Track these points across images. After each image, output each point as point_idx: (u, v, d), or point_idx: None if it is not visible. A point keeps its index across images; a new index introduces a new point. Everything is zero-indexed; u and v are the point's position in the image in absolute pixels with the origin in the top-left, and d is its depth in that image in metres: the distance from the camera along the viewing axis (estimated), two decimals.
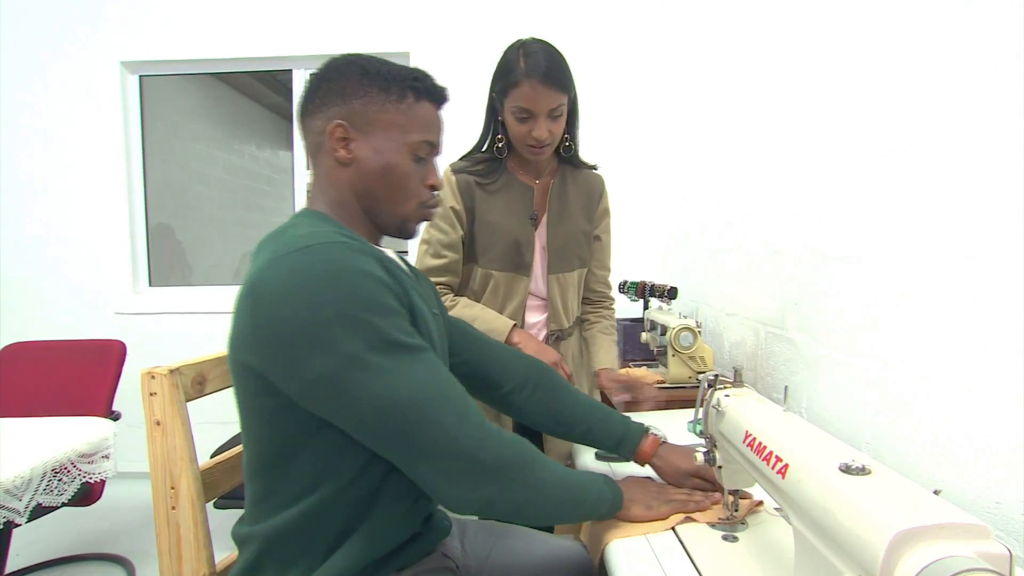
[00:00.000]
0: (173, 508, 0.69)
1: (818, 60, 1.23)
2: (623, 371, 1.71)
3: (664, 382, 1.57)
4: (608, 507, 0.74)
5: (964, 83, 0.81)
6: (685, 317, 1.59)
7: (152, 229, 2.72)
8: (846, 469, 0.49)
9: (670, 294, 1.88)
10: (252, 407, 0.63)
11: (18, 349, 1.84)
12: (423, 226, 0.96)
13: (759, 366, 1.51)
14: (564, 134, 1.14)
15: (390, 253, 0.76)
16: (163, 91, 3.45)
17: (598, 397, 1.35)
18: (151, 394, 0.69)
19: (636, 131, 2.44)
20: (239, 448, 0.82)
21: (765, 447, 0.60)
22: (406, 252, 2.31)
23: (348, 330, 0.57)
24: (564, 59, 1.07)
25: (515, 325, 1.12)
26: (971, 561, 0.37)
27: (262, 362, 0.60)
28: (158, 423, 0.69)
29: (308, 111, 0.71)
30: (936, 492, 0.47)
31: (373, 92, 0.69)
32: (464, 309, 1.13)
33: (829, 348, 1.18)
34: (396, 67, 0.72)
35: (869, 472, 0.49)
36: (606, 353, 1.26)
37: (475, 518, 0.81)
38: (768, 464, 0.58)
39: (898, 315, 0.96)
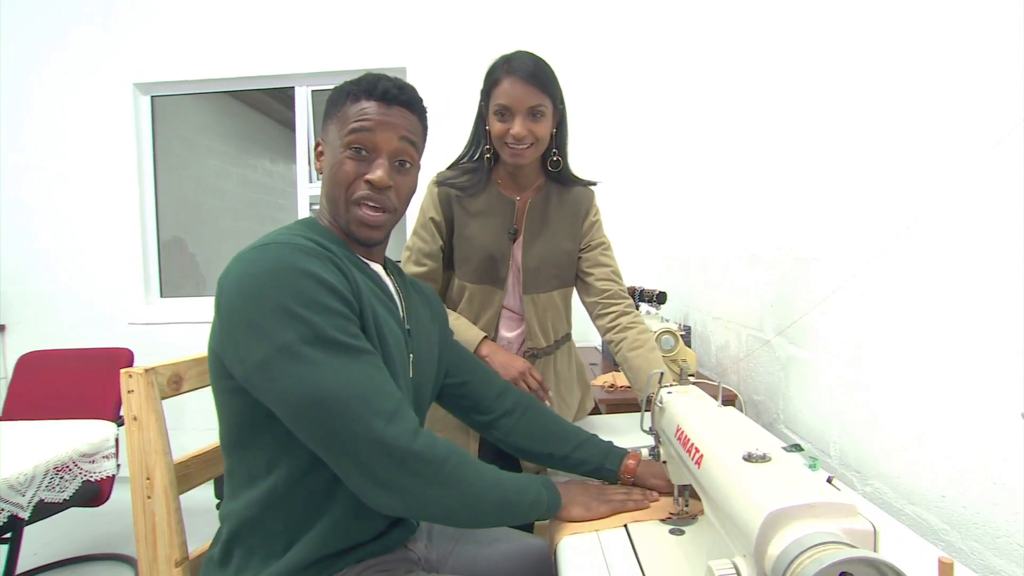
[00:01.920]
0: (149, 497, 0.74)
1: (792, 71, 1.26)
2: (609, 375, 1.73)
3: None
4: (545, 509, 0.76)
5: (940, 80, 0.82)
6: (666, 321, 1.61)
7: (167, 242, 2.83)
8: (748, 457, 0.52)
9: (659, 299, 1.90)
10: (217, 387, 0.69)
11: (34, 357, 1.94)
12: (396, 235, 0.90)
13: (741, 368, 1.53)
14: (553, 149, 1.13)
15: (375, 267, 0.79)
16: (179, 109, 3.60)
17: (590, 405, 1.35)
18: (129, 392, 0.74)
19: (628, 141, 2.47)
20: (215, 443, 0.87)
21: (688, 439, 0.63)
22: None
23: (283, 322, 0.61)
24: (550, 68, 1.07)
25: (485, 337, 1.13)
26: (829, 536, 0.40)
27: (218, 346, 0.66)
28: (135, 418, 0.74)
29: None
30: (829, 479, 0.50)
31: (331, 110, 0.77)
32: None
33: (800, 349, 1.20)
34: (354, 79, 0.76)
35: (769, 460, 0.52)
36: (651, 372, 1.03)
37: None
38: (690, 455, 0.61)
39: (859, 315, 0.98)
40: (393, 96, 0.74)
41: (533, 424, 0.94)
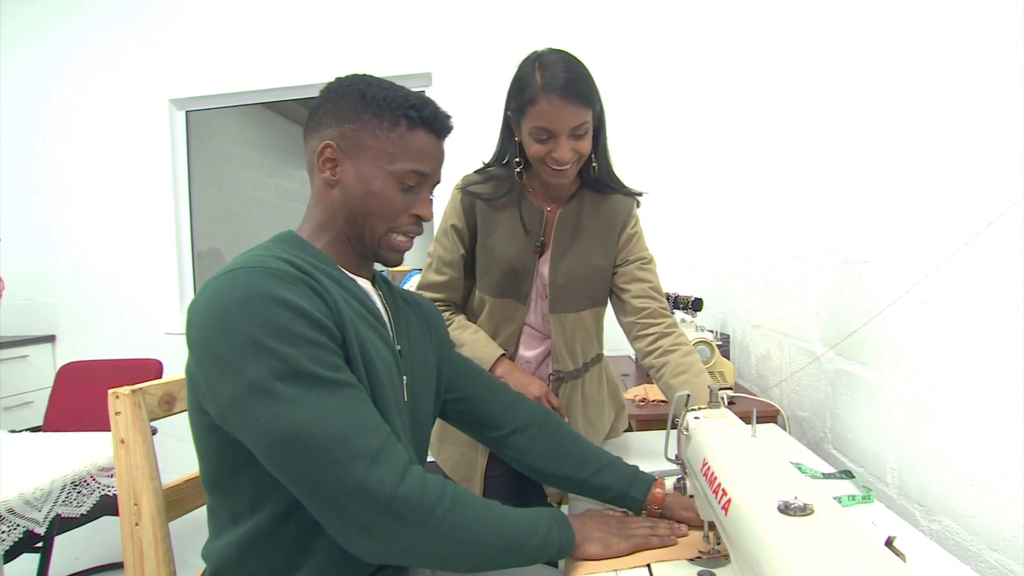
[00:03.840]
0: (136, 524, 0.71)
1: (833, 68, 1.15)
2: (640, 388, 1.63)
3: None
4: (556, 549, 0.67)
5: (991, 77, 0.72)
6: (700, 330, 1.50)
7: (205, 253, 2.89)
8: (784, 509, 0.43)
9: (694, 306, 1.78)
10: (194, 423, 0.64)
11: (72, 368, 2.00)
12: (415, 257, 0.90)
13: (784, 382, 1.40)
14: (591, 154, 1.01)
15: (362, 283, 0.73)
16: (219, 124, 3.71)
17: (623, 426, 1.26)
18: (116, 413, 0.71)
19: (658, 135, 2.36)
20: None
21: (716, 478, 0.54)
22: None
23: (253, 356, 0.55)
24: (587, 70, 0.94)
25: (502, 355, 1.05)
26: None
27: (192, 381, 0.61)
28: (122, 441, 0.71)
29: (308, 129, 0.72)
30: (890, 540, 0.40)
31: (366, 118, 0.68)
32: (456, 331, 1.08)
33: (851, 362, 1.07)
34: (396, 93, 0.68)
35: (811, 512, 0.43)
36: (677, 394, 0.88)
37: None
38: (716, 498, 0.52)
39: (923, 324, 0.85)
40: (447, 131, 0.73)
41: (549, 442, 0.85)
